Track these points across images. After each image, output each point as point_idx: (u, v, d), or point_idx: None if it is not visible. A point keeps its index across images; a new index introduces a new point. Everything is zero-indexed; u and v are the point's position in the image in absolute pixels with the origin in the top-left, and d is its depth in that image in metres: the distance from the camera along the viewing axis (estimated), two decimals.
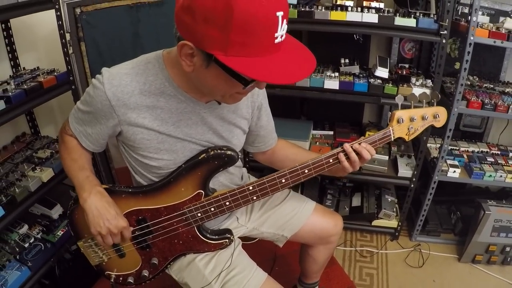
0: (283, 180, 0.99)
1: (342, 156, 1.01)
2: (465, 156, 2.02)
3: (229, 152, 0.99)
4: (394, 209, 2.08)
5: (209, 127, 0.99)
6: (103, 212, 0.93)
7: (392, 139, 1.07)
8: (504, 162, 1.98)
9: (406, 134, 1.09)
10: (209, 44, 0.71)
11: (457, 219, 2.17)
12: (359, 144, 1.01)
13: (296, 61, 0.77)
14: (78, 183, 0.97)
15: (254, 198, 1.00)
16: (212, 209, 1.01)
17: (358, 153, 1.01)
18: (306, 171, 1.00)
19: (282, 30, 0.71)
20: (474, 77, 2.07)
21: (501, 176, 1.87)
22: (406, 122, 1.06)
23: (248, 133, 1.14)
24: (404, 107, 1.07)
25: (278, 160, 1.22)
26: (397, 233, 2.11)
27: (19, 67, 1.72)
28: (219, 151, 0.98)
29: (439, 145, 2.08)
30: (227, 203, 1.00)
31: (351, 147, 1.01)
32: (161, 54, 0.92)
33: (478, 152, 2.08)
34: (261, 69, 0.71)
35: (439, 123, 1.12)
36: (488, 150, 2.10)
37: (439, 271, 1.95)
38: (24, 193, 1.42)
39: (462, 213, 2.18)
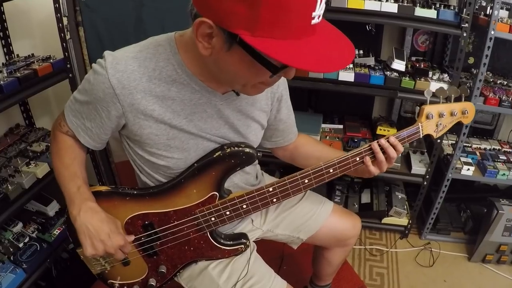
0: (306, 181, 0.90)
1: (368, 160, 0.93)
2: (477, 153, 1.96)
3: (247, 150, 0.89)
4: (405, 207, 2.01)
5: (225, 121, 0.89)
6: (95, 232, 0.84)
7: (421, 136, 0.99)
8: None
9: (435, 131, 1.02)
10: (233, 22, 0.60)
11: (467, 217, 2.12)
12: (387, 140, 0.93)
13: (333, 47, 0.66)
14: (68, 195, 0.88)
15: (274, 200, 0.92)
16: (228, 212, 0.92)
17: (385, 152, 0.93)
18: (331, 170, 0.91)
19: (320, 10, 0.60)
20: (488, 73, 2.00)
21: None
22: (435, 118, 0.99)
23: (266, 127, 1.04)
24: (418, 102, 0.99)
25: (301, 157, 1.13)
26: (407, 231, 2.05)
27: (13, 54, 1.60)
28: (236, 148, 0.88)
29: (452, 142, 2.02)
30: (244, 206, 0.91)
31: (378, 144, 0.92)
32: (173, 37, 0.80)
33: (490, 149, 2.03)
34: (294, 53, 0.60)
35: (467, 119, 1.05)
36: (500, 148, 2.04)
37: (449, 270, 1.90)
38: (18, 190, 1.32)
39: (472, 211, 2.13)
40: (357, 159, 0.93)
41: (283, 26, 0.59)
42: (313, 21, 0.61)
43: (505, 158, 1.93)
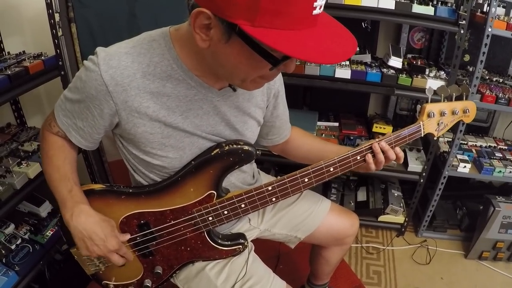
0: (306, 180, 0.89)
1: (370, 158, 0.92)
2: (473, 151, 1.97)
3: (246, 147, 0.86)
4: (401, 204, 2.01)
5: (221, 118, 0.87)
6: (89, 236, 0.83)
7: (422, 135, 0.98)
8: None
9: (436, 130, 1.01)
10: (232, 11, 0.58)
11: (463, 214, 2.12)
12: (391, 146, 0.93)
13: (335, 39, 0.64)
14: (59, 198, 0.86)
15: (273, 199, 0.90)
16: (226, 212, 0.90)
17: (384, 153, 0.92)
18: (332, 169, 0.90)
19: (321, 0, 0.59)
20: (484, 70, 2.00)
21: (510, 172, 1.82)
22: (437, 117, 0.98)
23: (262, 124, 1.02)
24: (414, 99, 0.98)
25: (292, 150, 1.12)
26: (403, 229, 2.05)
27: (4, 52, 1.57)
28: (235, 145, 0.86)
29: (448, 139, 2.02)
30: (243, 205, 0.90)
31: (379, 146, 0.92)
32: (168, 31, 0.78)
33: (486, 146, 2.03)
34: (296, 44, 0.58)
35: (468, 118, 1.04)
36: (496, 145, 2.05)
37: (446, 268, 1.90)
38: (9, 191, 1.29)
39: (468, 208, 2.13)
40: (358, 157, 0.92)
41: (284, 16, 0.57)
42: (315, 12, 0.59)
43: (501, 155, 1.93)
